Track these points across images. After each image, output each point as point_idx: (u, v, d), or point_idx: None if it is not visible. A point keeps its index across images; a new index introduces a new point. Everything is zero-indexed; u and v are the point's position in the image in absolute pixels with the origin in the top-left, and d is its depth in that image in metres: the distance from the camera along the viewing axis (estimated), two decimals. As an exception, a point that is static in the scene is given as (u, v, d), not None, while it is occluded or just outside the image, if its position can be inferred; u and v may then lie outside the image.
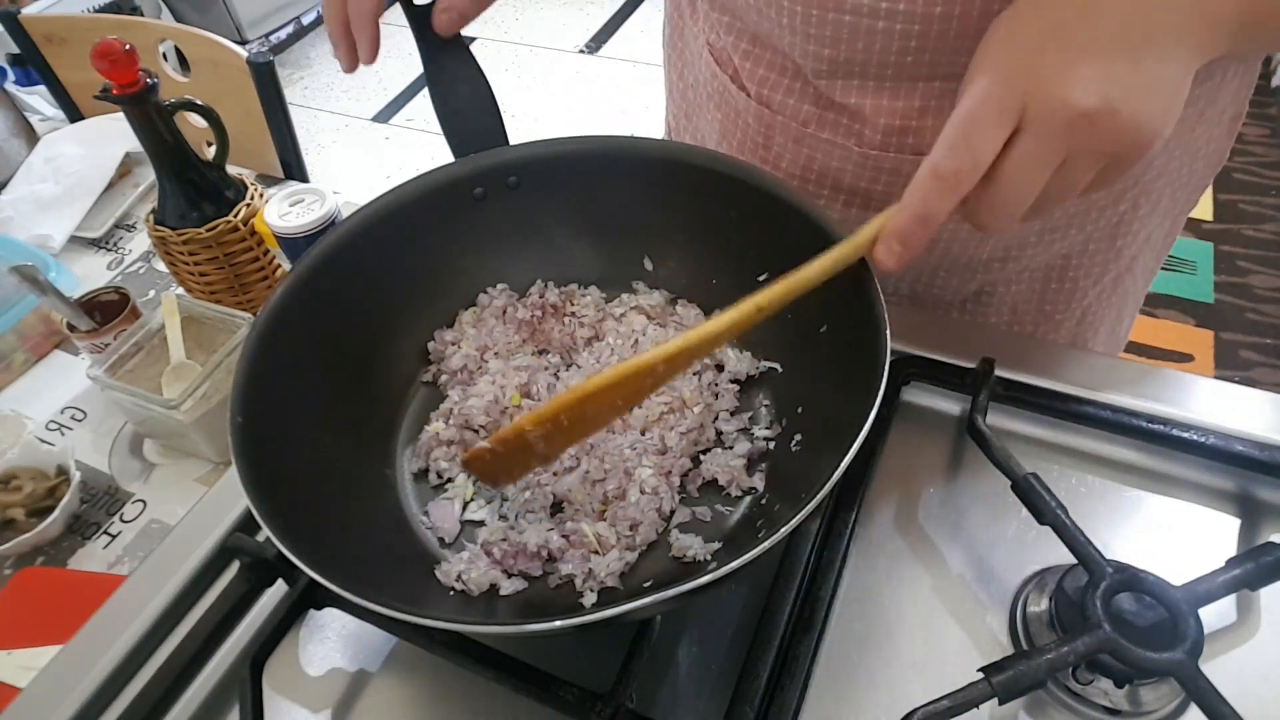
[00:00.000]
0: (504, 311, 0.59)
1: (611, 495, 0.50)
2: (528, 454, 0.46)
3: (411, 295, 0.58)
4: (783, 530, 0.36)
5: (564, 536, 0.48)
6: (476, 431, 0.54)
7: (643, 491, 0.49)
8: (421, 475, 0.53)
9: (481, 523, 0.51)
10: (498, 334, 0.58)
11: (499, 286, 0.60)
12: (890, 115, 0.55)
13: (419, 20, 0.53)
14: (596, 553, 0.47)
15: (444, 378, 0.57)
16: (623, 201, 0.58)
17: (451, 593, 0.46)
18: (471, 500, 0.52)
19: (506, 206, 0.58)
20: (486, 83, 0.55)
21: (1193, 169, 0.64)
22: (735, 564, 0.35)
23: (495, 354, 0.57)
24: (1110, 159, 0.36)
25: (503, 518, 0.51)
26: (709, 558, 0.47)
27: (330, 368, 0.52)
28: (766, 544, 0.35)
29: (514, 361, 0.57)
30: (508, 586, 0.47)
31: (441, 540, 0.50)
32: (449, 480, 0.53)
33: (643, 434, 0.53)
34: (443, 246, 0.58)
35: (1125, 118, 0.34)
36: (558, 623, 0.35)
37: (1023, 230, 0.61)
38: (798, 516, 0.36)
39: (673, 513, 0.50)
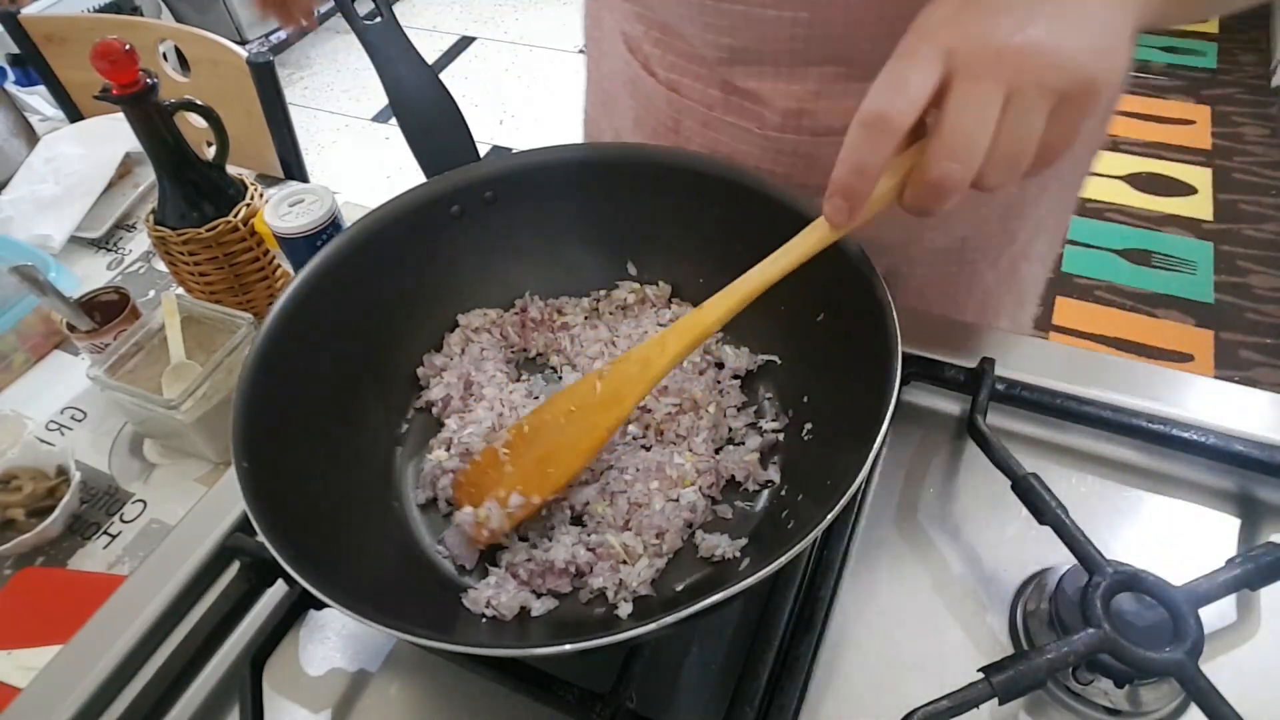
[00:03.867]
0: (490, 330, 0.59)
1: (634, 503, 0.49)
2: (497, 469, 0.47)
3: (396, 321, 0.57)
4: (823, 523, 0.36)
5: (590, 550, 0.47)
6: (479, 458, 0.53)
7: (670, 499, 0.49)
8: (429, 505, 0.53)
9: (500, 546, 0.50)
10: (488, 354, 0.58)
11: (484, 306, 0.60)
12: (787, 98, 0.58)
13: (363, 33, 0.53)
14: (625, 562, 0.47)
15: (436, 406, 0.56)
16: (602, 208, 0.58)
17: (483, 619, 0.46)
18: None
19: (485, 222, 0.57)
20: (451, 99, 0.54)
21: (1074, 153, 0.67)
22: (779, 561, 0.35)
23: (491, 378, 0.56)
24: (1059, 97, 0.35)
25: (523, 538, 0.50)
26: (739, 554, 0.47)
27: (323, 403, 0.51)
28: (806, 539, 0.35)
29: (509, 389, 0.56)
30: (539, 607, 0.46)
31: (461, 568, 0.49)
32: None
33: (660, 435, 0.53)
34: (424, 268, 0.57)
35: (1054, 52, 0.34)
36: (618, 636, 0.34)
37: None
38: (833, 510, 0.36)
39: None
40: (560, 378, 0.58)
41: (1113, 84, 0.35)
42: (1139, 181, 2.26)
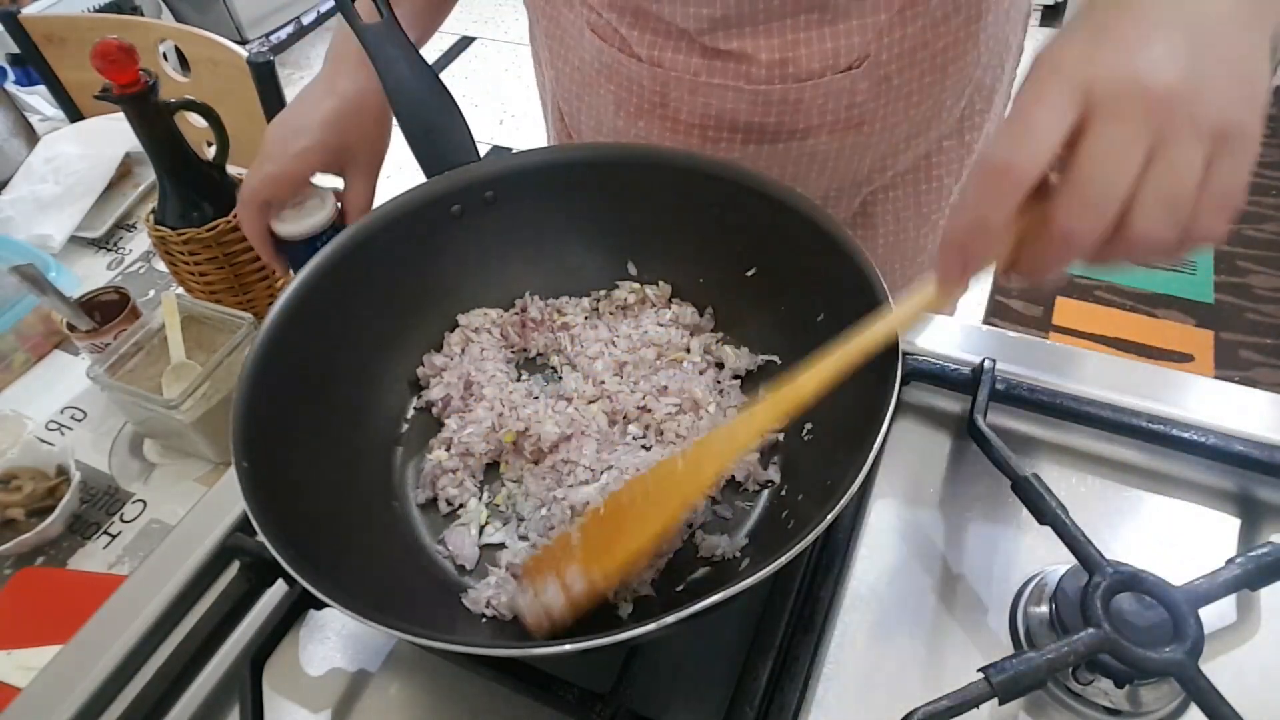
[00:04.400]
0: (490, 330, 0.59)
1: None
2: (567, 554, 0.43)
3: (396, 320, 0.57)
4: (823, 524, 0.36)
5: None
6: (478, 458, 0.53)
7: None
8: (429, 505, 0.53)
9: (501, 545, 0.50)
10: (488, 354, 0.58)
11: (484, 306, 0.60)
12: (769, 50, 0.60)
13: (363, 33, 0.53)
14: None
15: (436, 406, 0.56)
16: (602, 208, 0.58)
17: (484, 619, 0.46)
18: (487, 524, 0.51)
19: (485, 222, 0.57)
20: (451, 99, 0.54)
21: (1009, 69, 0.72)
22: (779, 561, 0.35)
23: (491, 378, 0.56)
24: (1213, 141, 0.31)
25: (523, 538, 0.50)
26: (739, 554, 0.47)
27: (323, 403, 0.51)
28: (806, 539, 0.35)
29: (509, 389, 0.56)
30: None
31: (461, 567, 0.49)
32: (460, 507, 0.52)
33: (661, 435, 0.53)
34: (425, 268, 0.57)
35: (1210, 90, 0.30)
36: (619, 636, 0.34)
37: (892, 137, 0.66)
38: (833, 511, 0.36)
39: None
40: (560, 378, 0.58)
41: (1262, 117, 0.32)
42: (1139, 181, 2.26)
